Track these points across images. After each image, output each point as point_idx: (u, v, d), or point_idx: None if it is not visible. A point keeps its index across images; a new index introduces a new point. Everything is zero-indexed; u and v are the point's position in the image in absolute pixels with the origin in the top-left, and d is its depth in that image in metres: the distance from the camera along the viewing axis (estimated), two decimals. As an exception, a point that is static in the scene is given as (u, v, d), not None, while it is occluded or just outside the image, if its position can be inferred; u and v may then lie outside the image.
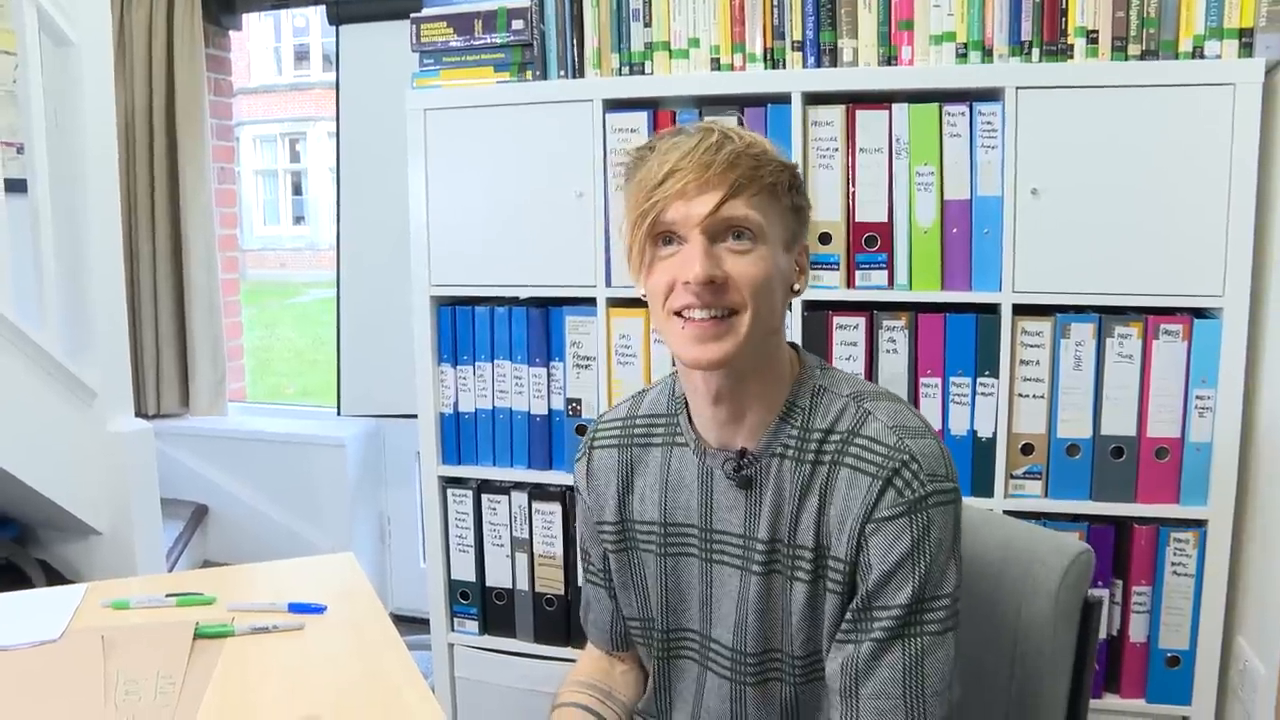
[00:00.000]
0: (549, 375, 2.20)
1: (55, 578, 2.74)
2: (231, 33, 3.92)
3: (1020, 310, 1.92)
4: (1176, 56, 1.84)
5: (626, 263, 1.23)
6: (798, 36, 2.00)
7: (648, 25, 2.08)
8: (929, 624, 1.15)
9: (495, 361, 2.23)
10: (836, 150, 1.98)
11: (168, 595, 1.51)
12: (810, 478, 1.20)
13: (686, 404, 1.30)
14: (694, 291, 1.14)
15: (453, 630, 2.36)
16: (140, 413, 3.26)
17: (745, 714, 1.30)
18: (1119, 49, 1.86)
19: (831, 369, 1.28)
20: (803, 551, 1.21)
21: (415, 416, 2.34)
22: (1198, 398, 1.86)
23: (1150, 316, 1.87)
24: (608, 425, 1.39)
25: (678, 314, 1.17)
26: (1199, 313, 1.88)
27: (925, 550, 1.14)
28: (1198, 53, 1.83)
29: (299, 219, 20.89)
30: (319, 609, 1.46)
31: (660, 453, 1.32)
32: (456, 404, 2.28)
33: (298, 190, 21.10)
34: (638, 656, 1.44)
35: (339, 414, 3.22)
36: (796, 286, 1.23)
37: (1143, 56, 1.85)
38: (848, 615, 1.17)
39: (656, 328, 1.23)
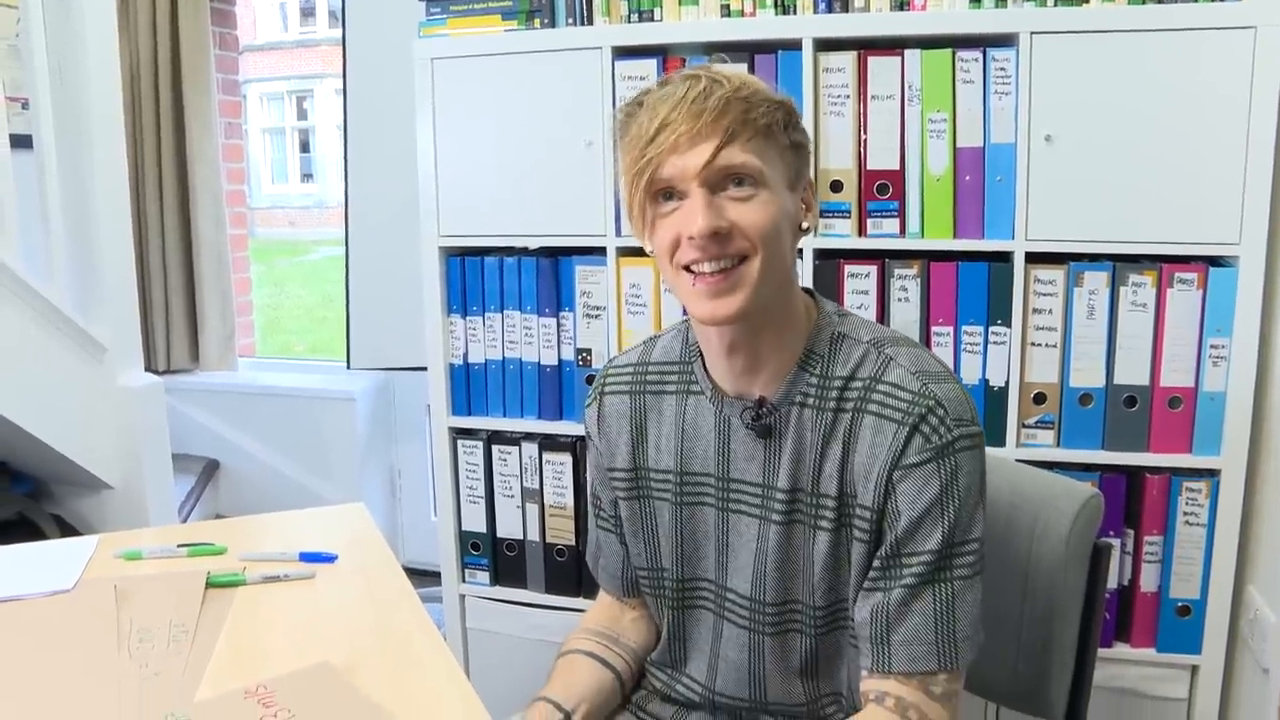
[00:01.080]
0: (559, 325, 2.19)
1: (69, 532, 2.75)
2: (236, -13, 3.90)
3: (1033, 258, 1.90)
4: (1195, -1, 1.81)
5: (629, 221, 1.21)
6: (809, -18, 1.98)
7: (656, -29, 2.06)
8: (959, 568, 1.15)
9: (505, 312, 2.23)
10: (848, 97, 1.95)
11: (179, 546, 1.51)
12: (832, 425, 1.19)
13: (701, 352, 1.28)
14: (699, 245, 1.13)
15: (464, 581, 2.37)
16: (150, 368, 3.26)
17: (763, 664, 1.30)
18: (1136, -8, 1.83)
19: (849, 314, 1.27)
20: (826, 500, 1.21)
21: (425, 369, 2.34)
22: (1212, 347, 1.85)
23: (1165, 265, 1.85)
24: (619, 370, 1.37)
25: (686, 269, 1.15)
26: (1214, 261, 1.86)
27: (954, 495, 1.14)
28: (1216, -6, 1.80)
29: (307, 177, 20.84)
30: (330, 558, 1.46)
31: (675, 400, 1.31)
32: (466, 355, 2.27)
33: (305, 148, 21.03)
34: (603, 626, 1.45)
35: (348, 368, 3.21)
36: (805, 225, 1.21)
37: (1160, 0, 1.82)
38: (876, 563, 1.18)
39: (667, 283, 1.21)
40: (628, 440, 1.35)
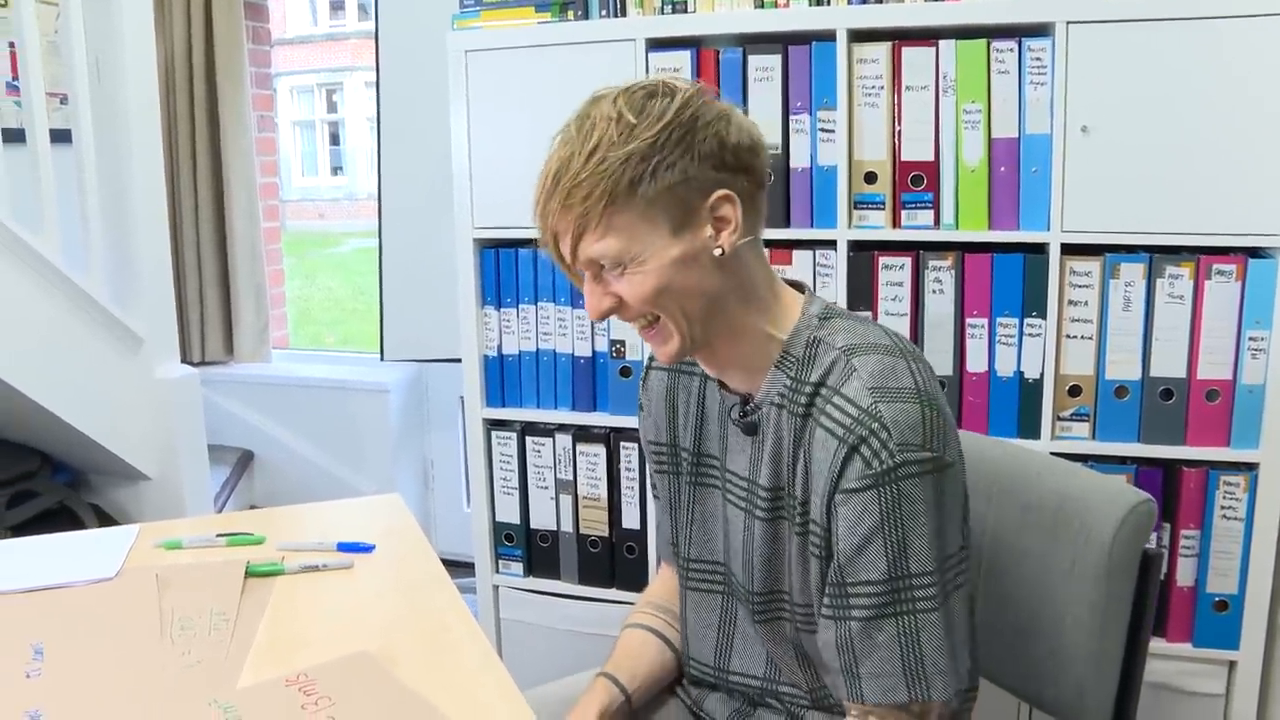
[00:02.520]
0: (595, 317, 2.19)
1: (107, 521, 2.78)
2: (268, -19, 3.92)
3: (1069, 250, 1.89)
4: (1234, -14, 1.79)
5: None
6: (843, -28, 1.97)
7: (690, -37, 2.06)
8: (919, 600, 1.10)
9: (539, 303, 2.23)
10: (882, 88, 1.95)
11: (218, 535, 1.52)
12: (801, 430, 1.17)
13: None
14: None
15: (498, 572, 2.38)
16: (185, 360, 3.29)
17: (765, 648, 1.32)
18: (1174, -19, 1.81)
19: (835, 317, 1.20)
20: (795, 502, 1.20)
21: (459, 360, 2.35)
22: (1251, 339, 1.83)
23: (1203, 256, 1.83)
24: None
25: None
26: (1254, 252, 1.84)
27: (897, 524, 1.08)
28: (1257, -17, 1.78)
29: (337, 169, 20.94)
30: (368, 548, 1.47)
31: (699, 383, 1.33)
32: (500, 346, 2.28)
33: (335, 141, 21.13)
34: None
35: (382, 359, 3.23)
36: (719, 251, 1.13)
37: (1198, -12, 1.81)
38: (828, 589, 1.14)
39: None
40: (665, 416, 1.37)
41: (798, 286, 1.26)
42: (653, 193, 1.09)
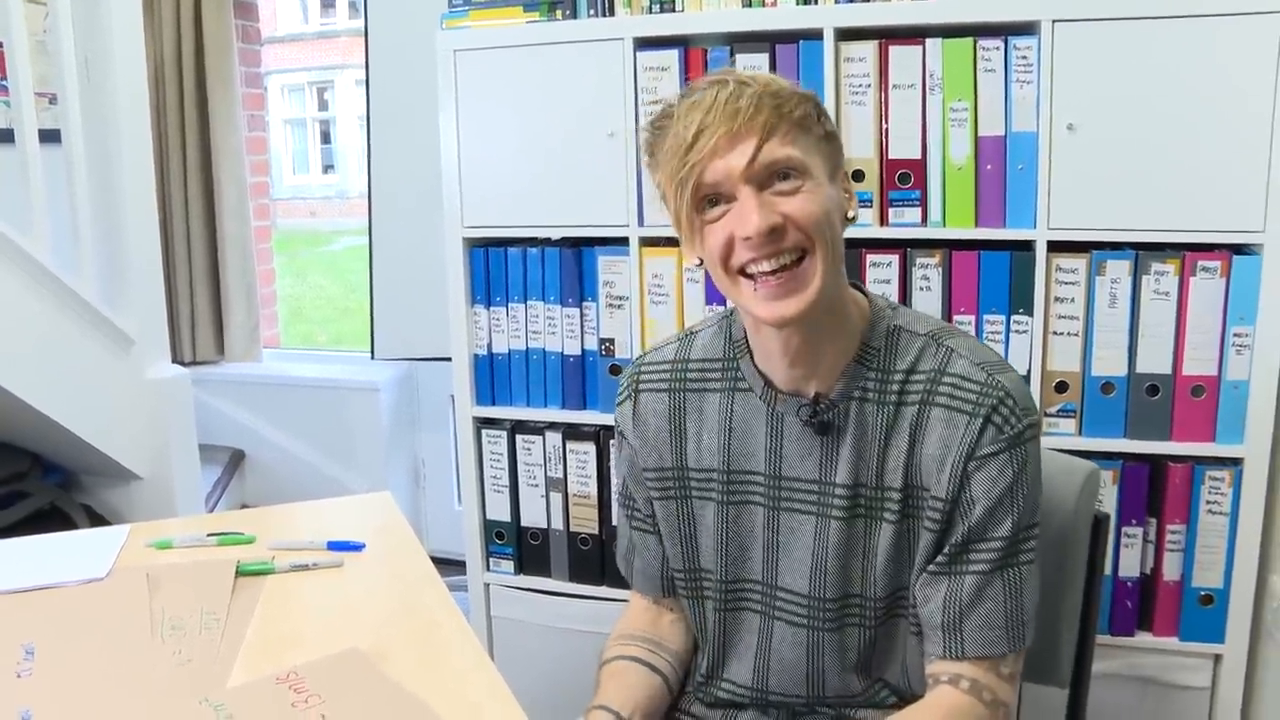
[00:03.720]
0: (582, 315, 2.20)
1: (98, 521, 2.78)
2: (258, -21, 3.91)
3: (1055, 247, 1.90)
4: (1219, -16, 1.80)
5: (677, 232, 1.19)
6: (829, -29, 1.98)
7: (677, -38, 2.06)
8: (1024, 554, 1.19)
9: (528, 302, 2.24)
10: (869, 87, 1.96)
11: (209, 535, 1.53)
12: (895, 419, 1.20)
13: (748, 347, 1.27)
14: (755, 245, 1.11)
15: (489, 570, 2.39)
16: (176, 360, 3.29)
17: (821, 660, 1.29)
18: (1159, -21, 1.82)
19: (901, 307, 1.27)
20: (891, 493, 1.21)
21: (449, 359, 2.36)
22: (1235, 335, 1.84)
23: (1188, 253, 1.85)
24: (655, 368, 1.35)
25: (743, 273, 1.14)
26: (1238, 249, 1.85)
27: (1024, 483, 1.17)
28: (1241, -19, 1.79)
29: (328, 168, 20.89)
30: (358, 546, 1.48)
31: (719, 399, 1.29)
32: (490, 345, 2.29)
33: (326, 139, 21.08)
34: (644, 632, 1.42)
35: (373, 358, 3.24)
36: (850, 215, 1.20)
37: (1184, -14, 1.82)
38: (945, 551, 1.19)
39: (722, 290, 1.19)
40: (667, 440, 1.33)
41: (853, 285, 1.29)
42: (821, 133, 1.17)
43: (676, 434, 1.33)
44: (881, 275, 1.98)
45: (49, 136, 2.57)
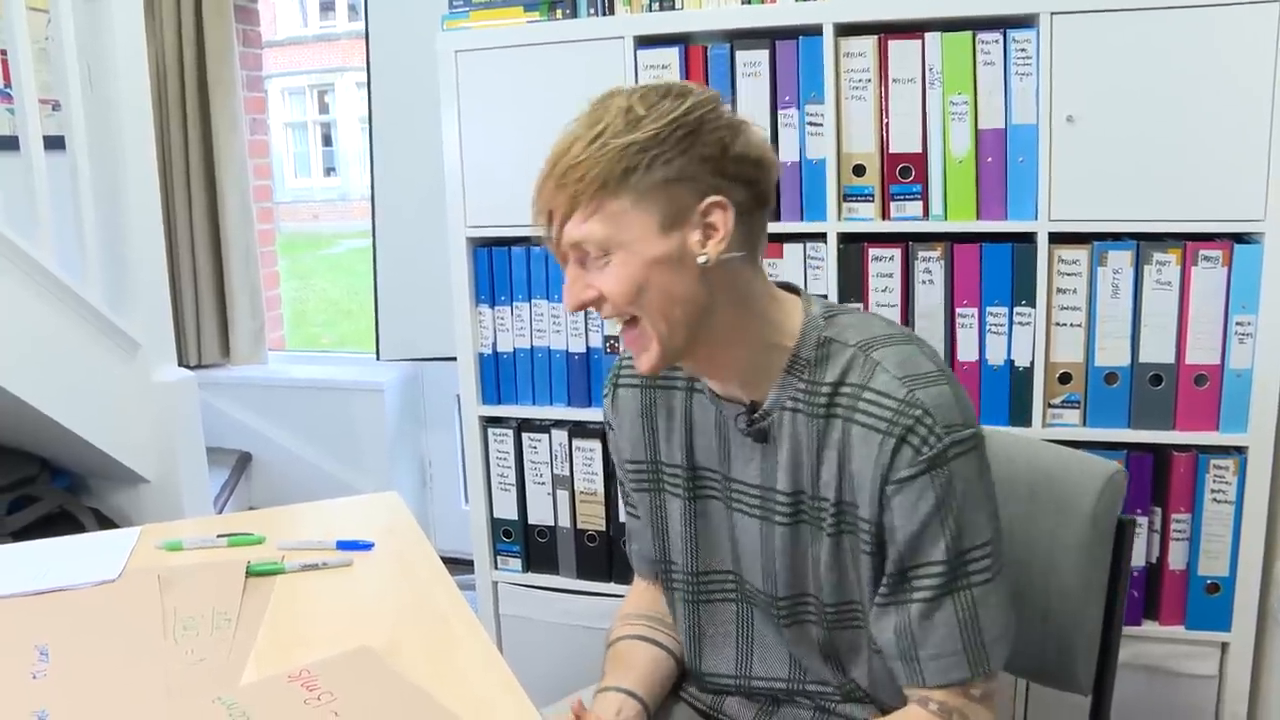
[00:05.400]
0: (586, 313, 2.21)
1: (107, 525, 2.79)
2: (258, -17, 3.92)
3: (1057, 239, 1.91)
4: (1217, -25, 1.81)
5: None
6: (828, -33, 1.99)
7: (676, -40, 2.07)
8: (975, 574, 1.14)
9: (533, 301, 2.25)
10: (869, 81, 1.96)
11: (219, 536, 1.54)
12: (825, 432, 1.17)
13: None
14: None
15: (496, 568, 2.40)
16: (182, 363, 3.30)
17: (788, 650, 1.32)
18: (1156, -30, 1.83)
19: (839, 315, 1.21)
20: (824, 504, 1.19)
21: (454, 359, 2.36)
22: (1238, 324, 1.85)
23: (1189, 243, 1.85)
24: (631, 364, 1.37)
25: None
26: (1240, 238, 1.85)
27: (951, 504, 1.11)
28: (1238, -29, 1.80)
29: (330, 171, 20.91)
30: (367, 546, 1.49)
31: (682, 396, 1.31)
32: (495, 344, 2.30)
33: (327, 142, 21.10)
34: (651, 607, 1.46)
35: (378, 359, 3.25)
36: (703, 259, 1.12)
37: (1181, -23, 1.82)
38: (885, 580, 1.16)
39: None
40: (641, 433, 1.35)
41: (790, 289, 1.26)
42: (646, 185, 1.10)
43: (648, 429, 1.35)
44: (884, 269, 1.98)
45: (53, 143, 2.58)
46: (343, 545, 1.49)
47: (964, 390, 1.16)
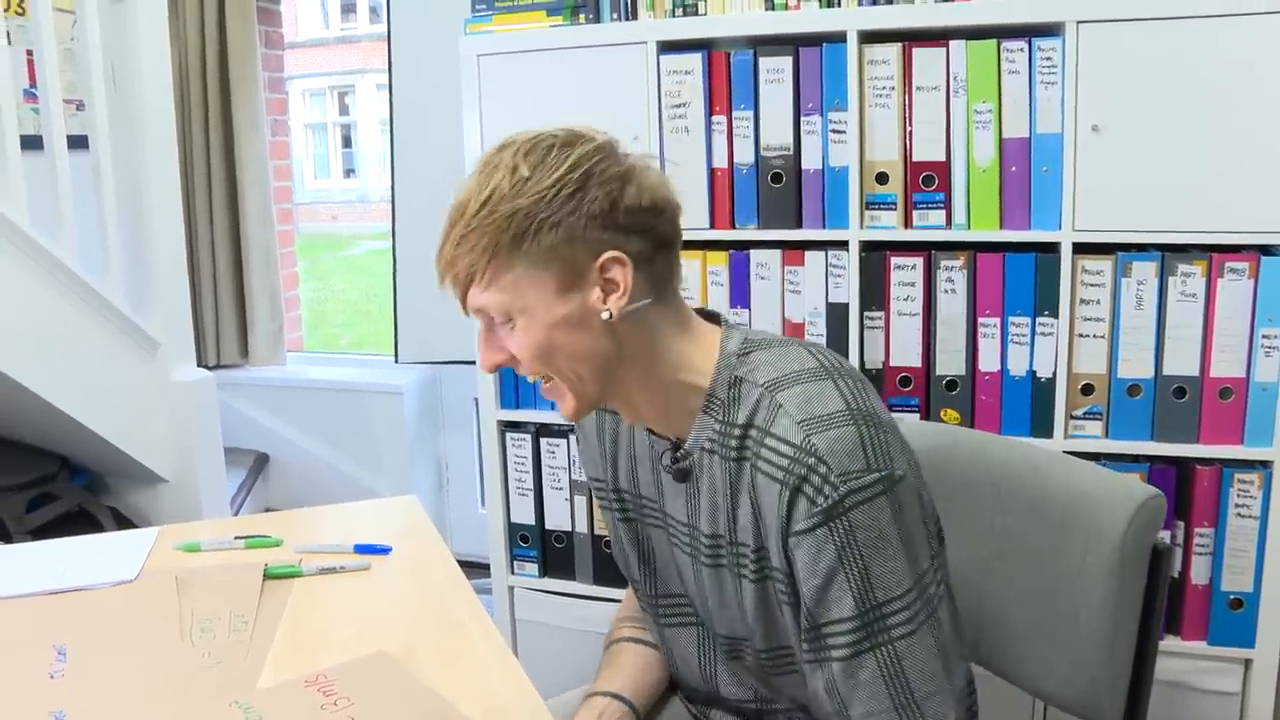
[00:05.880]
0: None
1: (125, 524, 2.80)
2: (281, -15, 3.94)
3: (1080, 249, 1.89)
4: (1245, -17, 1.80)
5: None
6: (853, -26, 1.98)
7: (701, -35, 2.07)
8: (894, 628, 1.06)
9: (552, 307, 2.24)
10: (893, 89, 1.95)
11: (236, 538, 1.54)
12: (738, 475, 1.13)
13: None
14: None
15: (513, 573, 2.39)
16: (201, 363, 3.31)
17: (742, 680, 1.31)
18: (1184, -21, 1.81)
19: (754, 351, 1.15)
20: (744, 549, 1.15)
21: (473, 362, 2.36)
22: (1264, 337, 1.83)
23: (1215, 254, 1.83)
24: None
25: None
26: (1266, 250, 1.84)
27: (855, 556, 1.04)
28: (1268, -21, 1.78)
29: (349, 172, 20.98)
30: (384, 550, 1.49)
31: (627, 426, 1.30)
32: (513, 350, 2.29)
33: (347, 143, 21.18)
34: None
35: (396, 361, 3.25)
36: (605, 314, 1.09)
37: (1209, -14, 1.81)
38: (804, 636, 1.11)
39: None
40: (600, 454, 1.35)
41: (713, 317, 1.22)
42: (537, 251, 1.07)
43: (602, 451, 1.34)
44: (906, 278, 1.97)
45: (76, 143, 2.60)
46: (360, 549, 1.49)
47: (883, 430, 1.08)
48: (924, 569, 1.08)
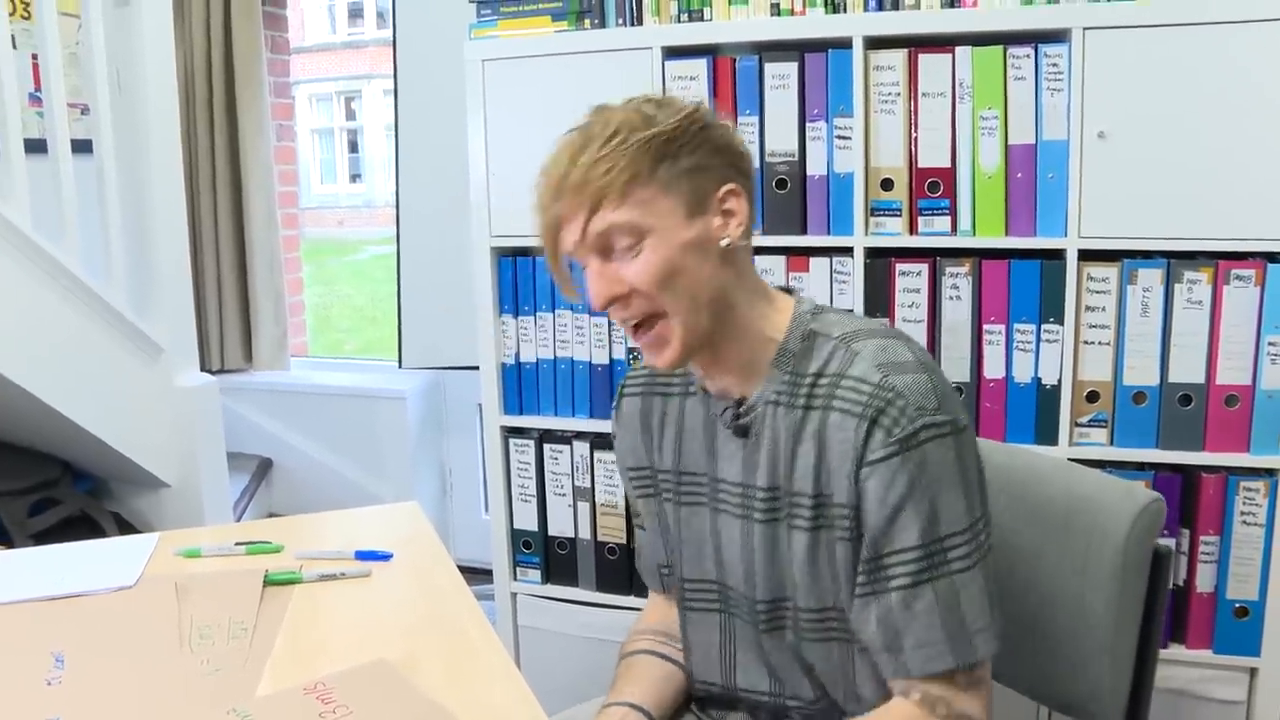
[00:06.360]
0: (609, 325, 2.20)
1: (127, 529, 2.80)
2: (287, -10, 3.94)
3: (1086, 256, 1.88)
4: (1252, -10, 1.79)
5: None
6: (858, -21, 1.97)
7: (705, -30, 2.06)
8: (953, 561, 1.13)
9: (556, 311, 2.24)
10: (899, 95, 1.95)
11: (237, 544, 1.53)
12: (802, 423, 1.18)
13: None
14: (612, 311, 1.18)
15: (516, 580, 2.39)
16: (205, 368, 3.31)
17: (770, 662, 1.31)
18: (1191, -15, 1.81)
19: (826, 312, 1.25)
20: (800, 499, 1.20)
21: (476, 368, 2.35)
22: (1270, 344, 1.82)
23: (1221, 261, 1.83)
24: (637, 374, 1.41)
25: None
26: (1272, 257, 1.82)
27: (924, 488, 1.11)
28: (1275, -14, 1.78)
29: (355, 177, 21.01)
30: (385, 556, 1.48)
31: (677, 402, 1.34)
32: (518, 354, 2.29)
33: (354, 148, 21.21)
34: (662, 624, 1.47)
35: (400, 367, 3.25)
36: (725, 241, 1.17)
37: (1215, -8, 1.80)
38: (861, 568, 1.16)
39: None
40: (642, 440, 1.38)
41: (786, 290, 1.28)
42: (672, 174, 1.14)
43: (646, 435, 1.37)
44: (911, 285, 1.96)
45: (80, 147, 2.60)
46: (361, 555, 1.48)
47: (948, 385, 1.17)
48: (978, 515, 1.15)
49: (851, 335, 1.19)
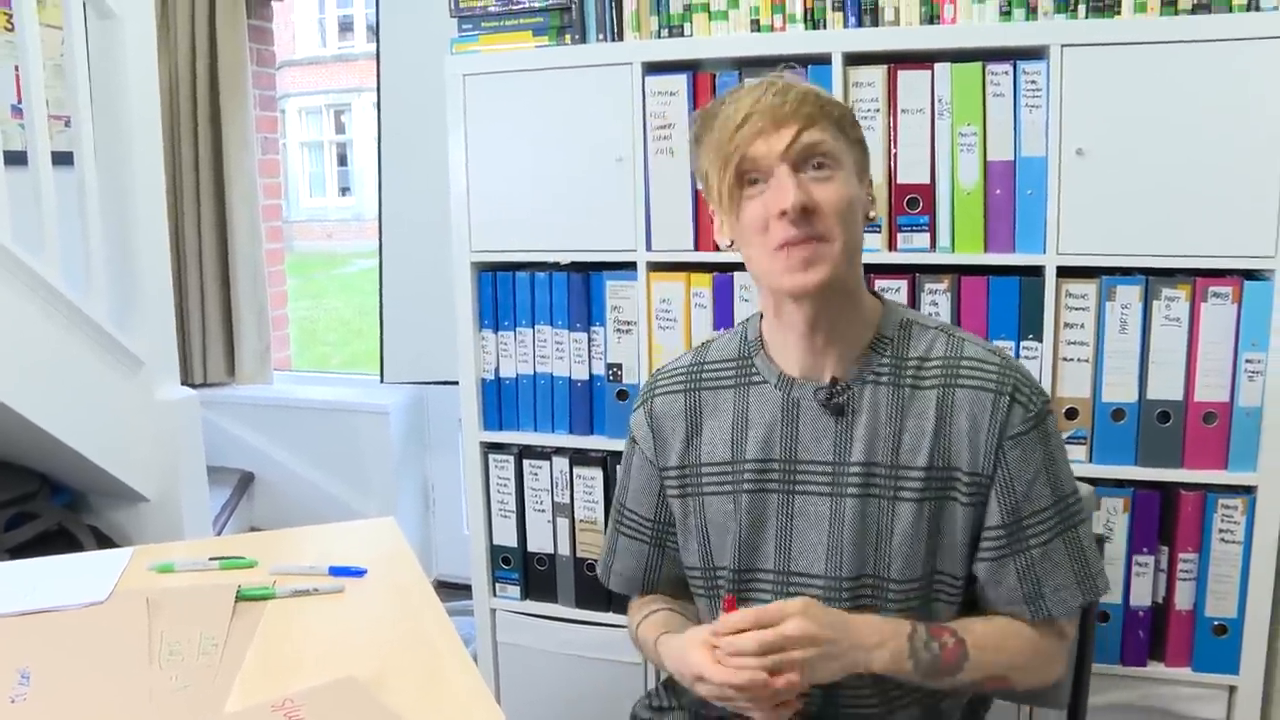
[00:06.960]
0: (589, 340, 2.20)
1: (106, 543, 2.78)
2: (274, 3, 3.93)
3: (1065, 272, 1.89)
4: (1230, 9, 1.79)
5: (714, 209, 1.32)
6: (838, -4, 1.98)
7: (686, -13, 2.06)
8: (1076, 514, 1.30)
9: (536, 327, 2.23)
10: (878, 111, 1.95)
11: (211, 559, 1.52)
12: (909, 401, 1.29)
13: (763, 345, 1.37)
14: (790, 220, 1.21)
15: (495, 596, 2.37)
16: (186, 381, 3.30)
17: None
18: (1169, 3, 1.81)
19: (912, 308, 1.39)
20: (909, 472, 1.28)
21: (457, 383, 2.35)
22: (1247, 361, 1.82)
23: (1199, 278, 1.83)
24: (671, 372, 1.44)
25: (777, 247, 1.25)
26: (1250, 274, 1.83)
27: (1049, 455, 1.28)
28: (1252, 4, 1.78)
29: (345, 190, 21.01)
30: (359, 572, 1.47)
31: (733, 394, 1.37)
32: (498, 370, 2.28)
33: (343, 162, 21.22)
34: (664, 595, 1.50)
35: (382, 381, 3.24)
36: (871, 214, 1.32)
37: (1194, 10, 1.81)
38: (999, 532, 1.28)
39: (751, 267, 1.31)
40: (682, 437, 1.40)
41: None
42: (853, 139, 1.29)
43: (691, 430, 1.40)
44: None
45: (62, 159, 2.58)
46: (335, 571, 1.47)
47: None
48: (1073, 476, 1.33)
49: (948, 327, 1.35)
